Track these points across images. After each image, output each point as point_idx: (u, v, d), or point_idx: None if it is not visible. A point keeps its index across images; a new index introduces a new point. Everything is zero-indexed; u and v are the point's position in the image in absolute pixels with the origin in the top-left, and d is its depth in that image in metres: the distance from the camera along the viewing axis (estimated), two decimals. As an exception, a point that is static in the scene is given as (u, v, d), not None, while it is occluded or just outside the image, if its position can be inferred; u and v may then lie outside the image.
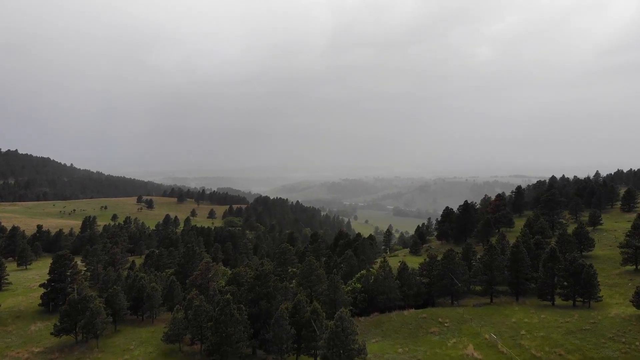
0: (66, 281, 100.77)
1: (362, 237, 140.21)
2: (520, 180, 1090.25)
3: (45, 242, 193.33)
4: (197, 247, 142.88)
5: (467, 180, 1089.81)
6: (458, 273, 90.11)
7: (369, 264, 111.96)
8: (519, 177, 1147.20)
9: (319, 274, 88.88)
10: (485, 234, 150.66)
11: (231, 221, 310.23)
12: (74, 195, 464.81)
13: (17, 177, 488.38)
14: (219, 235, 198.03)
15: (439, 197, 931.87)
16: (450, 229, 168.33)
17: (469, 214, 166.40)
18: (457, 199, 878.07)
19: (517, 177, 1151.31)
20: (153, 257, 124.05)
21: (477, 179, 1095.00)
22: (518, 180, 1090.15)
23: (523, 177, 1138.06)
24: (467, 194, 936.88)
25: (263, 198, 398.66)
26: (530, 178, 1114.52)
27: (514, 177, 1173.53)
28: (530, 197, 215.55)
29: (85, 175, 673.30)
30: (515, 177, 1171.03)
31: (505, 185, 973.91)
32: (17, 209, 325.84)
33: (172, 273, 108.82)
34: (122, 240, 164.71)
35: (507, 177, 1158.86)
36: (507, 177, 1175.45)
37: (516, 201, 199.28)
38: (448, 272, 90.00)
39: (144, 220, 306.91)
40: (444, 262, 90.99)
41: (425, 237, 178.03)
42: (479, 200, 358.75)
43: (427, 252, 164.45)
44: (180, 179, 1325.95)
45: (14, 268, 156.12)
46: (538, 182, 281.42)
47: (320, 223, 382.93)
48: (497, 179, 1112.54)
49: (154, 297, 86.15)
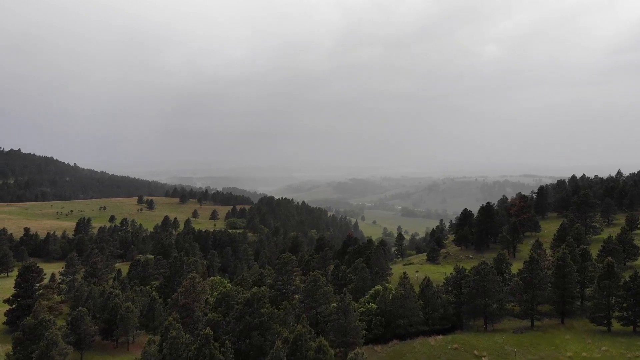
0: (34, 296, 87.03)
1: (373, 244, 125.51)
2: (530, 179, 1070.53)
3: (32, 246, 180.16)
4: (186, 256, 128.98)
5: (477, 179, 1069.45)
6: (493, 291, 75.18)
7: (383, 276, 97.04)
8: (529, 177, 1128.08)
9: (325, 292, 74.29)
10: (511, 240, 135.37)
11: (234, 223, 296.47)
12: (74, 195, 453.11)
13: (17, 176, 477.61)
14: (218, 239, 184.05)
15: (448, 197, 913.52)
16: (470, 233, 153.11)
17: (490, 217, 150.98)
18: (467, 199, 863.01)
19: (527, 177, 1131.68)
20: (138, 266, 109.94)
21: (486, 179, 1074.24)
22: (528, 179, 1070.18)
23: (533, 177, 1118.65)
24: (477, 194, 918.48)
25: (268, 198, 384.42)
26: (541, 177, 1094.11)
27: (524, 176, 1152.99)
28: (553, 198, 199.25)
29: (89, 175, 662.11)
30: (525, 176, 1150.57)
31: (516, 185, 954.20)
32: (13, 209, 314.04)
33: (157, 287, 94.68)
34: (110, 246, 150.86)
35: (517, 177, 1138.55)
36: (517, 176, 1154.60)
37: (539, 202, 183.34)
38: (482, 290, 75.09)
39: (143, 221, 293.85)
40: (476, 279, 76.00)
41: (441, 241, 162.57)
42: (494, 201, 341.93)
43: (445, 259, 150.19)
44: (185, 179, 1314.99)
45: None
46: (558, 182, 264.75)
47: (326, 224, 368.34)
48: (507, 178, 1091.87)
49: (128, 319, 71.96)
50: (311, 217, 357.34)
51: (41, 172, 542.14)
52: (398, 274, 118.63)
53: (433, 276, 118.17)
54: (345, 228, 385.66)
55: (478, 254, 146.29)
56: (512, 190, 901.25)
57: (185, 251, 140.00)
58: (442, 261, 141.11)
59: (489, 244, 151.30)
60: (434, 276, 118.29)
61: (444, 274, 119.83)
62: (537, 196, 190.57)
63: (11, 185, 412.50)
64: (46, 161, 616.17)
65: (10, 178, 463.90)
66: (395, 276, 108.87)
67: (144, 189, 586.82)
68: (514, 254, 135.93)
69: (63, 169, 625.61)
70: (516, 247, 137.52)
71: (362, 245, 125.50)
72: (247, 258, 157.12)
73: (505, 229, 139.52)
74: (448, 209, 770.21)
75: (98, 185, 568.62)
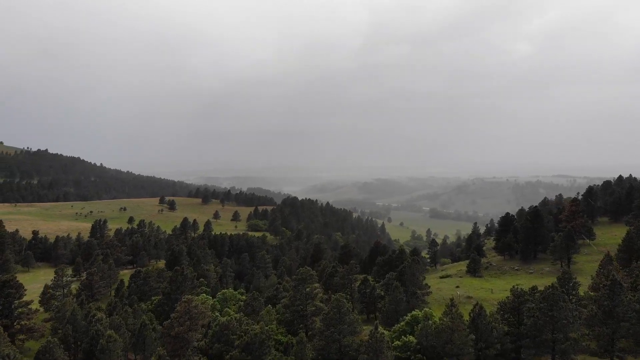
0: (12, 316, 74.93)
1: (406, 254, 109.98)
2: (564, 180, 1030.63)
3: (41, 250, 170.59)
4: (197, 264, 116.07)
5: (508, 180, 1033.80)
6: (565, 323, 59.18)
7: (421, 297, 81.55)
8: (563, 177, 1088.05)
9: (351, 320, 59.63)
10: (565, 251, 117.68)
11: (255, 225, 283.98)
12: (97, 195, 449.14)
13: (42, 177, 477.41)
14: (235, 244, 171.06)
15: (478, 198, 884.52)
16: (514, 241, 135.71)
17: (539, 223, 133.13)
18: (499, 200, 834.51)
19: (560, 177, 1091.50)
20: (139, 278, 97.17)
21: (518, 179, 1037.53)
22: (562, 180, 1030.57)
23: (567, 177, 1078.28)
24: (509, 195, 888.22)
25: (291, 199, 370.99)
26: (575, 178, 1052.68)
27: (557, 177, 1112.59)
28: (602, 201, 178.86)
29: (114, 175, 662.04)
30: (558, 177, 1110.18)
31: (549, 186, 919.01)
32: (32, 210, 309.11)
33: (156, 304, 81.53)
34: (118, 251, 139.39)
35: (549, 177, 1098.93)
36: (550, 177, 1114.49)
37: (587, 206, 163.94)
38: (550, 321, 59.16)
39: (163, 223, 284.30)
40: (543, 307, 60.02)
41: (482, 249, 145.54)
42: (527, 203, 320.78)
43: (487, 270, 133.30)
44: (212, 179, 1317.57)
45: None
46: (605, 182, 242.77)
47: (352, 226, 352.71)
48: (540, 179, 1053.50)
49: (110, 350, 58.59)
50: (335, 219, 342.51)
51: (66, 172, 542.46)
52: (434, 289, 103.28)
53: (477, 293, 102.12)
54: (371, 230, 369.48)
55: (524, 265, 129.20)
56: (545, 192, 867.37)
57: (196, 259, 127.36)
58: (484, 273, 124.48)
59: (537, 253, 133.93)
60: (478, 293, 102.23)
61: (490, 290, 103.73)
62: (584, 198, 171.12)
63: (34, 186, 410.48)
64: (72, 161, 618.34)
65: (34, 178, 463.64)
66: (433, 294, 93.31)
67: (169, 189, 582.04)
68: (569, 266, 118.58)
69: (89, 169, 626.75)
70: (571, 258, 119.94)
71: (392, 256, 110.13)
72: (265, 266, 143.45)
73: (557, 237, 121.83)
74: (478, 210, 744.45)
75: (122, 186, 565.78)
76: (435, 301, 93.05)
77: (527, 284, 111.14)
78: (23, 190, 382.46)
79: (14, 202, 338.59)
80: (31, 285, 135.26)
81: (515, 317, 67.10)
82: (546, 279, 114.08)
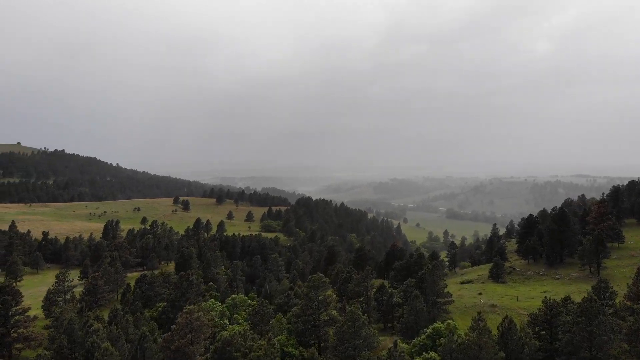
0: (8, 324, 71.10)
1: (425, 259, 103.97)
2: (584, 180, 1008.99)
3: (51, 251, 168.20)
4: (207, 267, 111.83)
5: (526, 180, 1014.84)
6: (605, 339, 53.04)
7: (442, 306, 75.69)
8: (583, 177, 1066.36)
9: (367, 335, 54.24)
10: (595, 255, 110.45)
11: (269, 225, 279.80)
12: (111, 195, 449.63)
13: (58, 177, 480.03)
14: (247, 246, 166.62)
15: (496, 199, 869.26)
16: (539, 244, 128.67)
17: (565, 225, 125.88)
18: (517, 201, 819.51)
19: (580, 177, 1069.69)
20: (144, 283, 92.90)
21: (536, 179, 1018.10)
22: (582, 180, 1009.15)
23: (587, 177, 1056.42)
24: (527, 195, 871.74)
25: (305, 199, 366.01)
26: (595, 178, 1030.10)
27: (576, 176, 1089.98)
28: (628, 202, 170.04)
29: (130, 175, 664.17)
30: (578, 176, 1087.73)
31: (569, 186, 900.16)
32: (47, 210, 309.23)
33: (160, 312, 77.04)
34: (127, 253, 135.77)
35: (569, 177, 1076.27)
36: (569, 176, 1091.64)
37: (614, 207, 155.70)
38: (588, 337, 53.07)
39: (176, 223, 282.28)
40: (580, 322, 53.92)
41: (504, 253, 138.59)
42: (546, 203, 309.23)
43: (510, 275, 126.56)
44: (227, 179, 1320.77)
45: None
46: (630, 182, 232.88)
47: (367, 227, 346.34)
48: (559, 178, 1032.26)
49: (105, 365, 54.02)
50: (350, 220, 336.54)
51: (82, 172, 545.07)
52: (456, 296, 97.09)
53: (502, 301, 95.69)
54: (387, 232, 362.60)
55: (550, 269, 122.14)
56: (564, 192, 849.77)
57: (206, 262, 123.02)
58: (507, 278, 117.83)
59: (563, 257, 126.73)
60: (502, 301, 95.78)
61: (516, 298, 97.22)
62: (610, 199, 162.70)
63: (50, 186, 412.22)
64: (89, 161, 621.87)
65: (50, 178, 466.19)
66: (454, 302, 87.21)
67: (184, 189, 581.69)
68: (598, 272, 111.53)
69: (105, 169, 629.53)
70: (601, 263, 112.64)
71: (410, 260, 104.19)
72: (277, 269, 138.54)
73: (586, 241, 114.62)
74: (496, 211, 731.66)
75: (137, 185, 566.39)
76: (457, 309, 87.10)
77: (554, 290, 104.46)
78: (38, 191, 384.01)
79: (29, 202, 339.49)
80: (39, 287, 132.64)
81: (548, 331, 61.09)
82: (575, 285, 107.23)
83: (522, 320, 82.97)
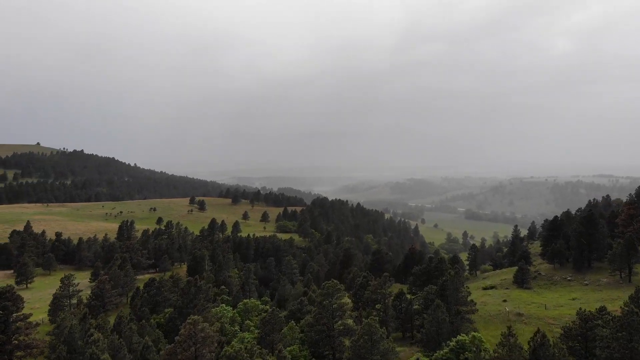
0: (8, 331, 68.17)
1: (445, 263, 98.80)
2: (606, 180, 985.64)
3: (64, 252, 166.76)
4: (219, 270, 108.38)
5: (547, 180, 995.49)
6: (652, 358, 47.65)
7: (465, 315, 70.63)
8: (605, 177, 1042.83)
9: (385, 350, 49.71)
10: (626, 260, 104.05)
11: (284, 226, 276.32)
12: (128, 195, 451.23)
13: (76, 177, 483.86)
14: (262, 247, 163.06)
15: (516, 199, 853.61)
16: (566, 248, 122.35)
17: (594, 228, 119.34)
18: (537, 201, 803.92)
19: (602, 177, 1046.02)
20: (152, 287, 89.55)
21: (557, 179, 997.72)
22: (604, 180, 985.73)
23: (610, 177, 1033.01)
24: (547, 196, 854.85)
25: (321, 200, 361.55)
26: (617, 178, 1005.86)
27: (598, 176, 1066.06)
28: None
29: (148, 175, 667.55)
30: (600, 176, 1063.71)
31: (591, 186, 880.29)
32: (64, 210, 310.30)
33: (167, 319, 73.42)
34: (138, 255, 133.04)
35: (590, 177, 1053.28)
36: (591, 176, 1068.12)
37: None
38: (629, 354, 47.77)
39: (192, 224, 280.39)
40: (621, 337, 48.61)
41: (529, 256, 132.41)
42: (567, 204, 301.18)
43: (535, 281, 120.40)
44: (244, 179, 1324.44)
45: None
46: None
47: (383, 228, 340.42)
48: (580, 178, 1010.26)
49: (104, 379, 50.45)
50: (367, 220, 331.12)
51: (100, 172, 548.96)
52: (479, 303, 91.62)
53: (528, 309, 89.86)
54: (404, 232, 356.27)
55: (578, 274, 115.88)
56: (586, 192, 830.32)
57: (218, 264, 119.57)
58: (533, 283, 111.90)
59: (591, 261, 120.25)
60: (529, 309, 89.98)
61: (544, 306, 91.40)
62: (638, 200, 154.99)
63: (68, 186, 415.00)
64: (107, 161, 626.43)
65: (68, 178, 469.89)
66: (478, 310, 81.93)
67: (201, 189, 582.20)
68: (629, 278, 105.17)
69: (123, 169, 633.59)
70: (632, 268, 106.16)
71: (431, 266, 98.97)
72: (291, 272, 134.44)
73: (616, 244, 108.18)
74: (516, 211, 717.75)
75: (155, 186, 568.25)
76: (480, 318, 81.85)
77: (583, 297, 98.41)
78: (56, 190, 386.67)
79: (47, 202, 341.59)
80: (49, 290, 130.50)
81: (582, 345, 55.78)
82: (605, 292, 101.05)
83: (551, 331, 77.44)
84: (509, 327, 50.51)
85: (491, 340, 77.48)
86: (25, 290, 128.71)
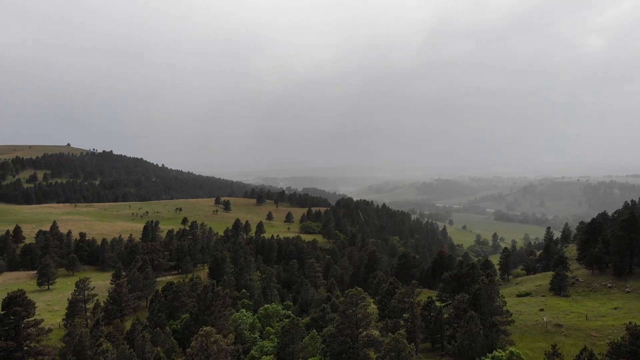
0: (19, 338, 66.04)
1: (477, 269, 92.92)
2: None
3: (87, 252, 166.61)
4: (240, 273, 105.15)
5: (579, 180, 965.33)
6: None
7: (500, 326, 65.11)
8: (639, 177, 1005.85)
9: (414, 368, 45.01)
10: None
11: (308, 227, 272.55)
12: (155, 195, 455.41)
13: (105, 177, 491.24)
14: (285, 249, 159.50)
15: (547, 200, 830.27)
16: (605, 252, 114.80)
17: (636, 232, 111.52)
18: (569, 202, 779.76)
19: (636, 177, 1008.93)
20: (170, 292, 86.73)
21: (590, 179, 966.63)
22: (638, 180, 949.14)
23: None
24: (580, 196, 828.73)
25: (345, 200, 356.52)
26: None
27: (632, 177, 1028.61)
28: None
29: (175, 175, 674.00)
30: (634, 177, 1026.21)
31: (625, 187, 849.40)
32: (91, 210, 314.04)
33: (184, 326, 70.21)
34: (160, 257, 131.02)
35: (624, 177, 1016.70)
36: (625, 177, 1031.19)
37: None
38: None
39: (216, 224, 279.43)
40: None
41: (566, 262, 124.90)
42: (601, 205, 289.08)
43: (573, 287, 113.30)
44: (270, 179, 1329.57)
45: (33, 288, 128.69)
46: None
47: (410, 230, 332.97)
48: (614, 179, 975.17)
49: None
50: (392, 222, 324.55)
51: (129, 172, 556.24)
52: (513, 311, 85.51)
53: (568, 320, 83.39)
54: (431, 234, 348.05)
55: (619, 281, 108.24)
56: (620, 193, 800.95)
57: (240, 267, 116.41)
58: (570, 290, 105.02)
59: (632, 267, 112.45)
60: (569, 320, 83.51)
61: (584, 316, 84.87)
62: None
63: (96, 186, 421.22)
64: (135, 162, 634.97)
65: (97, 179, 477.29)
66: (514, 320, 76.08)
67: (227, 190, 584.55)
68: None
69: (150, 170, 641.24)
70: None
71: (462, 272, 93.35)
72: (315, 275, 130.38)
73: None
74: (547, 212, 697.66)
75: (182, 186, 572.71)
76: (516, 329, 76.05)
77: (626, 306, 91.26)
78: (85, 191, 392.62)
79: (75, 202, 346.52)
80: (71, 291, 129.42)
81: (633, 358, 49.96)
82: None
83: (594, 344, 71.33)
84: (553, 345, 45.12)
85: (528, 354, 71.74)
86: (47, 292, 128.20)
